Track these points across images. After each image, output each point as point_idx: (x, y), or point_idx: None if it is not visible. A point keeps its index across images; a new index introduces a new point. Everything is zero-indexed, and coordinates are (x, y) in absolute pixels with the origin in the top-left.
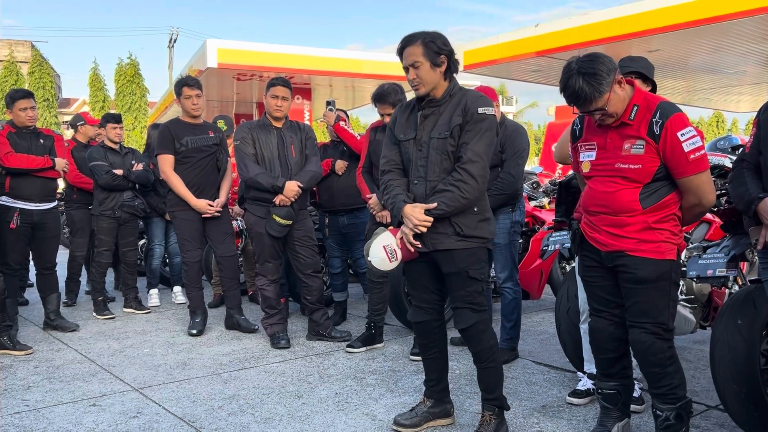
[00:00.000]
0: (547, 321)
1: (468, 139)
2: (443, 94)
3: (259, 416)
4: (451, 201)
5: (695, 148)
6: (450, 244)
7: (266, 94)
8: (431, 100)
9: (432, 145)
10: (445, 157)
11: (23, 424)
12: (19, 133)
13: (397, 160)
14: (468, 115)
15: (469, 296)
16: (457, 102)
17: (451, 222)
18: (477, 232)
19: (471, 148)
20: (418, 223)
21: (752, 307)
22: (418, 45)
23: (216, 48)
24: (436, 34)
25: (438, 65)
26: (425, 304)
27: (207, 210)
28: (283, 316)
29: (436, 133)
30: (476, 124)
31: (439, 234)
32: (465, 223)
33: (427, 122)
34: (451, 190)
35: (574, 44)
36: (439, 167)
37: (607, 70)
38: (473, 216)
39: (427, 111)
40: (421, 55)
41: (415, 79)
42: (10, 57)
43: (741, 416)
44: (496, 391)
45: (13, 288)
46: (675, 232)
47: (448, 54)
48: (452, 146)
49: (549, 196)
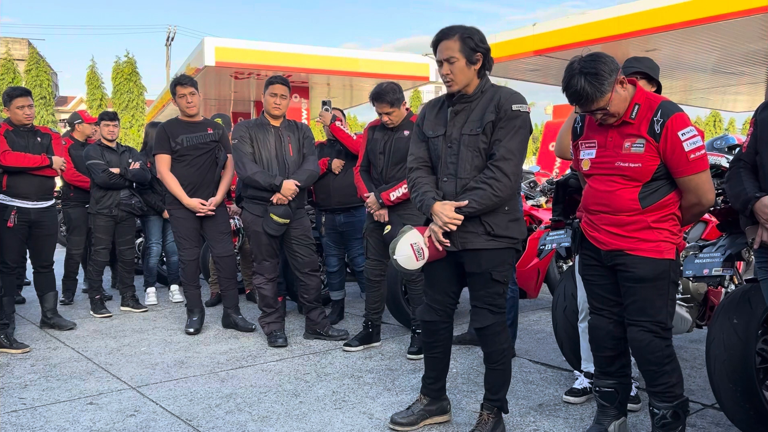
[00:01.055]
0: (544, 320)
1: (501, 136)
2: (475, 90)
3: (256, 415)
4: (483, 199)
5: (695, 147)
6: (480, 244)
7: (265, 92)
8: (462, 95)
9: (463, 141)
10: (476, 154)
11: (20, 423)
12: (16, 131)
13: (425, 157)
14: (502, 111)
15: (489, 297)
16: (489, 98)
17: (481, 221)
18: (508, 232)
19: (504, 145)
20: (448, 221)
21: (748, 306)
22: (456, 40)
23: (214, 46)
24: (475, 29)
25: (474, 63)
26: (438, 306)
27: (200, 209)
28: (280, 315)
29: (467, 129)
30: (510, 121)
31: (468, 233)
32: (496, 223)
33: (457, 118)
34: (484, 188)
35: (571, 44)
36: (470, 164)
37: (609, 70)
38: (504, 215)
39: (458, 107)
40: (458, 50)
41: (448, 74)
42: (7, 55)
43: (736, 415)
44: (500, 393)
45: (10, 286)
46: (674, 231)
47: (484, 52)
48: (484, 143)
49: (546, 196)
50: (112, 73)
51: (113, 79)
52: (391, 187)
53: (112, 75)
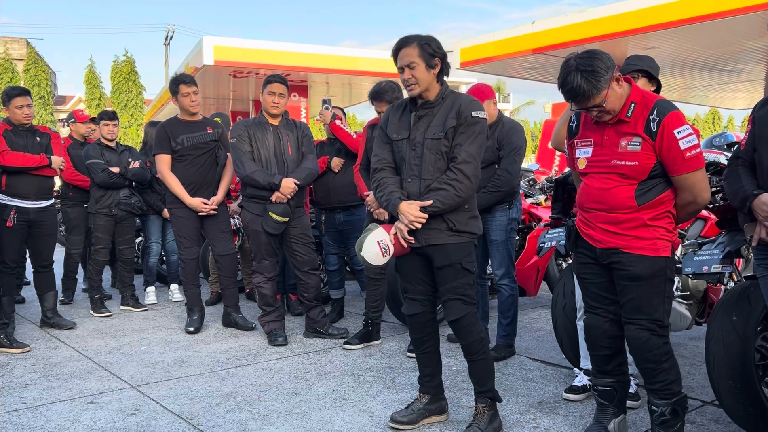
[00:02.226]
0: (544, 318)
1: (462, 140)
2: (436, 96)
3: (256, 413)
4: (446, 199)
5: (691, 146)
6: (443, 239)
7: (263, 90)
8: (425, 102)
9: (426, 145)
10: (439, 156)
11: (20, 422)
12: (15, 130)
13: (389, 158)
14: (462, 118)
15: (460, 288)
16: (450, 105)
17: (444, 218)
18: (468, 227)
19: (465, 149)
20: (414, 220)
21: (747, 303)
22: (414, 47)
23: (212, 45)
24: (431, 37)
25: (432, 67)
26: (420, 296)
27: (202, 208)
28: (280, 314)
29: (430, 133)
30: (470, 126)
31: (432, 230)
32: (457, 220)
33: (420, 123)
34: (447, 188)
35: (570, 41)
36: (433, 166)
37: (606, 67)
38: (464, 213)
39: (421, 112)
40: (417, 56)
41: (410, 78)
42: (6, 54)
43: (736, 412)
44: (488, 383)
45: (9, 286)
46: (670, 229)
47: (441, 57)
48: (446, 147)
49: (545, 194)
50: (111, 72)
51: (112, 78)
52: None
53: (111, 74)
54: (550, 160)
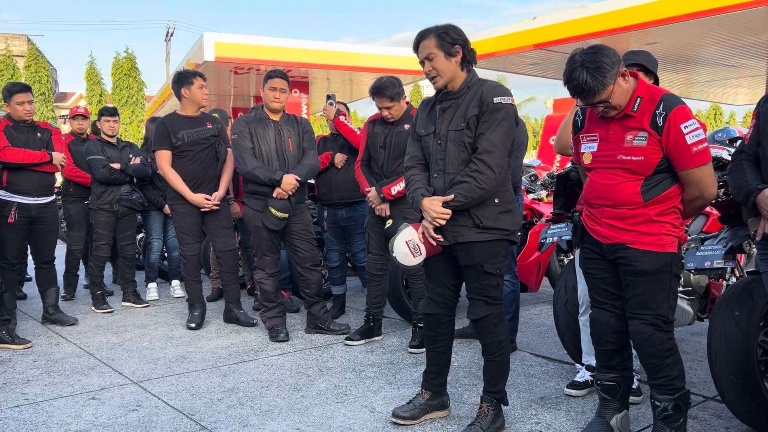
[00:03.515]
0: (545, 313)
1: (484, 129)
2: (461, 85)
3: (258, 409)
4: (468, 192)
5: (698, 140)
6: (470, 237)
7: (264, 86)
8: (448, 92)
9: (450, 137)
10: (462, 149)
11: (23, 418)
12: (16, 127)
13: (419, 155)
14: (484, 105)
15: (483, 289)
16: (474, 93)
17: (470, 214)
18: (498, 223)
19: (487, 138)
20: (436, 216)
21: (749, 298)
22: (432, 38)
23: (213, 41)
24: (449, 25)
25: (452, 55)
26: (439, 299)
27: (204, 204)
28: (281, 310)
29: (453, 125)
30: (492, 114)
31: (459, 226)
32: (485, 215)
33: (445, 115)
34: (468, 181)
35: (572, 37)
36: (457, 159)
37: (611, 63)
38: (493, 207)
39: (445, 104)
40: (435, 47)
41: (431, 71)
42: (6, 51)
43: (738, 407)
44: (499, 385)
45: (11, 282)
46: (676, 224)
47: (462, 44)
48: (469, 137)
49: (547, 189)
50: (112, 68)
51: (113, 74)
52: (392, 182)
53: (112, 71)
54: (552, 156)
